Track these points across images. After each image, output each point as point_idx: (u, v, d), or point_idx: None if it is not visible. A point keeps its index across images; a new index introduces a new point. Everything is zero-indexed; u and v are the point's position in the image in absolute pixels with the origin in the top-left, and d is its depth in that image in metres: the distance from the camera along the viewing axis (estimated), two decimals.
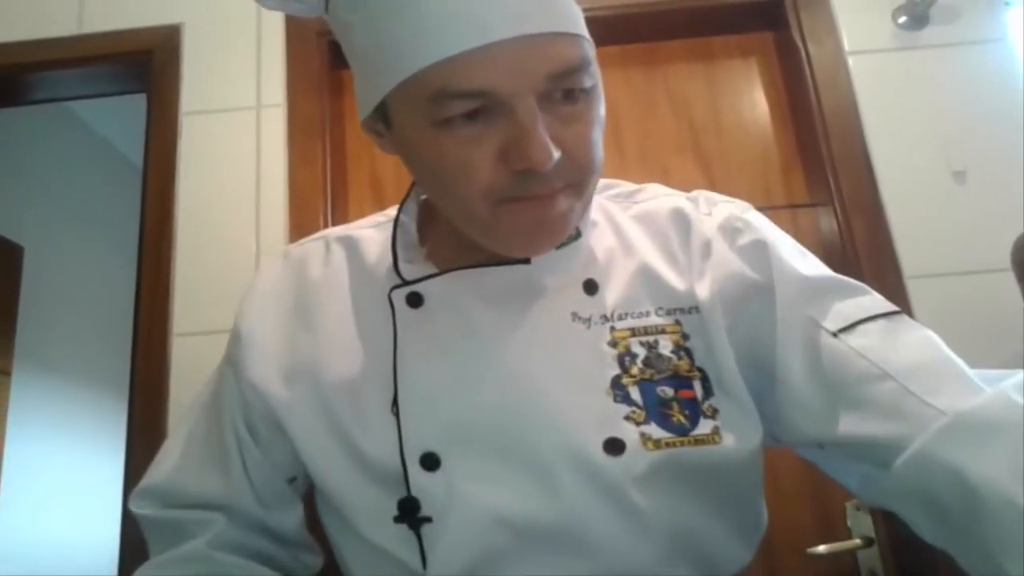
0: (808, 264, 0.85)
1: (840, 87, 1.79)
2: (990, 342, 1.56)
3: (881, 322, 0.78)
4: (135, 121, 2.02)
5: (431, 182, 0.78)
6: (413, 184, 0.92)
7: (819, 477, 0.97)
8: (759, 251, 0.84)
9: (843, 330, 0.77)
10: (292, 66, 1.89)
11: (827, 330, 0.78)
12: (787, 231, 1.68)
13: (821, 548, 1.54)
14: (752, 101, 1.94)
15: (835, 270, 1.70)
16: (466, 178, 0.72)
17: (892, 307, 0.80)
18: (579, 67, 0.71)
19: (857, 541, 1.55)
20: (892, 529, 1.56)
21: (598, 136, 0.76)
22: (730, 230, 0.87)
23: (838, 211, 1.71)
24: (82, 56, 1.95)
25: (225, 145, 1.83)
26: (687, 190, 1.76)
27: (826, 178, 1.74)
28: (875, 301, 0.81)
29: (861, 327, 0.77)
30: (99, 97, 2.18)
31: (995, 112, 1.74)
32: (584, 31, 0.74)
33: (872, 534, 1.55)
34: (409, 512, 0.76)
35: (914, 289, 1.62)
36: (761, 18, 1.95)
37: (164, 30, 1.93)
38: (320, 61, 1.89)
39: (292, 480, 0.90)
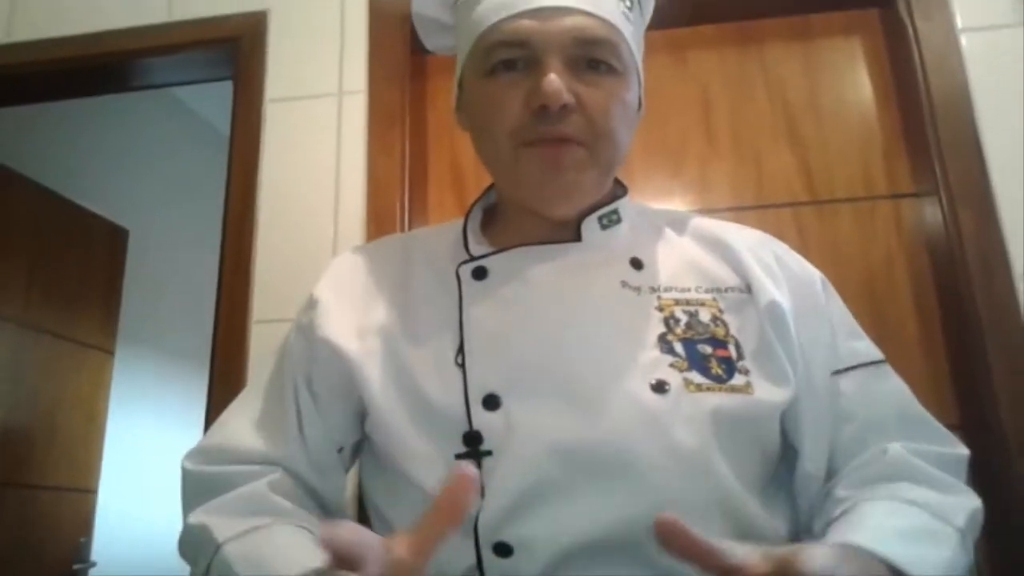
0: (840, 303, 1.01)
1: (951, 67, 1.65)
2: None
3: (867, 370, 0.94)
4: None
5: (480, 133, 0.94)
6: (484, 191, 1.05)
7: None
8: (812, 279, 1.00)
9: (837, 372, 0.92)
10: (374, 51, 1.87)
11: (829, 368, 0.92)
12: (888, 222, 1.62)
13: None
14: (854, 83, 1.82)
15: (939, 265, 1.61)
16: (499, 117, 0.88)
17: (879, 356, 0.96)
18: (604, 41, 0.88)
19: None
20: (991, 551, 1.45)
21: (617, 112, 0.89)
22: (772, 246, 1.02)
23: (944, 202, 1.58)
24: (172, 43, 1.97)
25: (307, 132, 1.83)
26: (781, 177, 1.70)
27: (932, 166, 1.62)
28: (868, 348, 0.97)
29: (851, 372, 0.93)
30: (191, 84, 2.22)
31: None
32: (621, 26, 0.90)
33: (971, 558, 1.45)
34: (472, 444, 0.83)
35: None
36: None
37: (251, 17, 1.94)
38: (403, 45, 1.86)
39: (340, 451, 0.95)
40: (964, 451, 0.92)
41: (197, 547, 0.85)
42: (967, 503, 0.84)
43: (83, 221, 3.32)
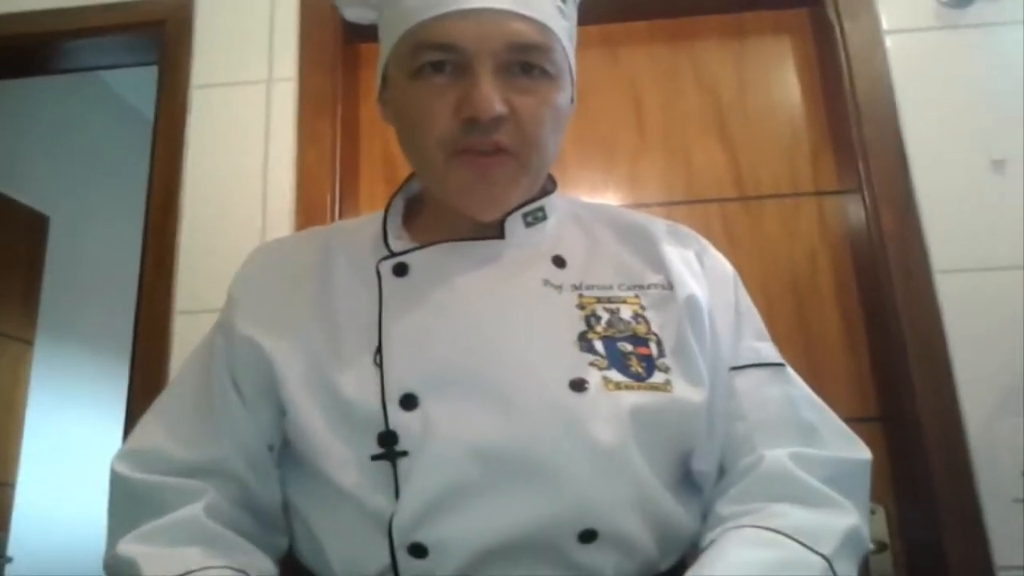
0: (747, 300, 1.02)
1: (875, 68, 1.69)
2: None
3: (765, 371, 0.94)
4: None
5: (406, 135, 0.91)
6: (405, 180, 1.03)
7: None
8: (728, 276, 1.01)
9: (735, 368, 0.92)
10: (305, 38, 1.83)
11: (728, 364, 0.92)
12: (813, 219, 1.65)
13: None
14: (783, 82, 1.85)
15: (861, 261, 1.64)
16: (427, 125, 0.85)
17: (779, 359, 0.96)
18: (538, 46, 0.84)
19: (870, 546, 1.48)
20: (906, 534, 1.51)
21: (549, 118, 0.87)
22: (692, 242, 1.03)
23: (867, 200, 1.62)
24: (98, 26, 1.92)
25: (234, 120, 1.79)
26: (710, 173, 1.72)
27: (856, 164, 1.65)
28: (770, 350, 0.97)
29: (750, 370, 0.93)
30: (116, 68, 2.17)
31: None
32: (554, 25, 0.86)
33: (886, 539, 1.50)
34: (387, 444, 0.81)
35: (943, 284, 1.53)
36: None
37: (177, 0, 1.89)
38: (334, 34, 1.84)
39: (271, 448, 0.93)
40: (864, 456, 0.90)
41: None
42: (842, 523, 0.81)
43: (2, 208, 3.21)
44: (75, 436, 3.64)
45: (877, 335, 1.62)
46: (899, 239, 1.57)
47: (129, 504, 0.88)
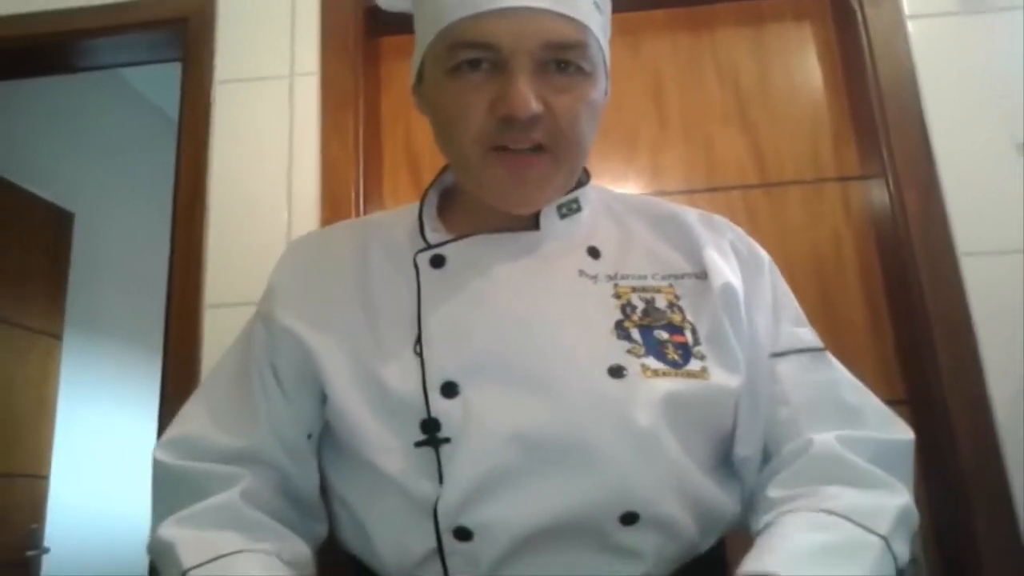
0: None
1: (898, 53, 1.68)
2: None
3: (806, 356, 0.94)
4: None
5: (442, 130, 0.91)
6: (439, 173, 1.04)
7: None
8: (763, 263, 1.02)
9: (776, 355, 0.93)
10: (327, 34, 1.84)
11: (768, 351, 0.93)
12: (836, 204, 1.65)
13: None
14: (803, 68, 1.85)
15: (885, 245, 1.64)
16: (464, 121, 0.85)
17: (819, 344, 0.97)
18: (574, 45, 0.85)
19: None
20: (934, 516, 1.51)
21: (585, 115, 0.87)
22: (726, 230, 1.03)
23: (891, 184, 1.61)
24: (118, 23, 1.93)
25: (258, 115, 1.80)
26: (732, 161, 1.72)
27: (879, 149, 1.65)
28: (810, 335, 0.98)
29: (791, 356, 0.94)
30: (138, 65, 2.18)
31: None
32: (590, 22, 0.86)
33: None
34: (430, 431, 0.83)
35: (968, 267, 1.53)
36: None
37: None
38: (356, 28, 1.84)
39: (309, 437, 0.95)
40: (907, 436, 0.91)
41: (163, 563, 0.85)
42: (894, 502, 0.82)
43: (27, 205, 3.25)
44: (105, 429, 3.68)
45: (902, 319, 1.62)
46: (923, 222, 1.57)
47: (170, 490, 0.90)
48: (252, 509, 0.88)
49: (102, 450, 3.62)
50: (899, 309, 1.63)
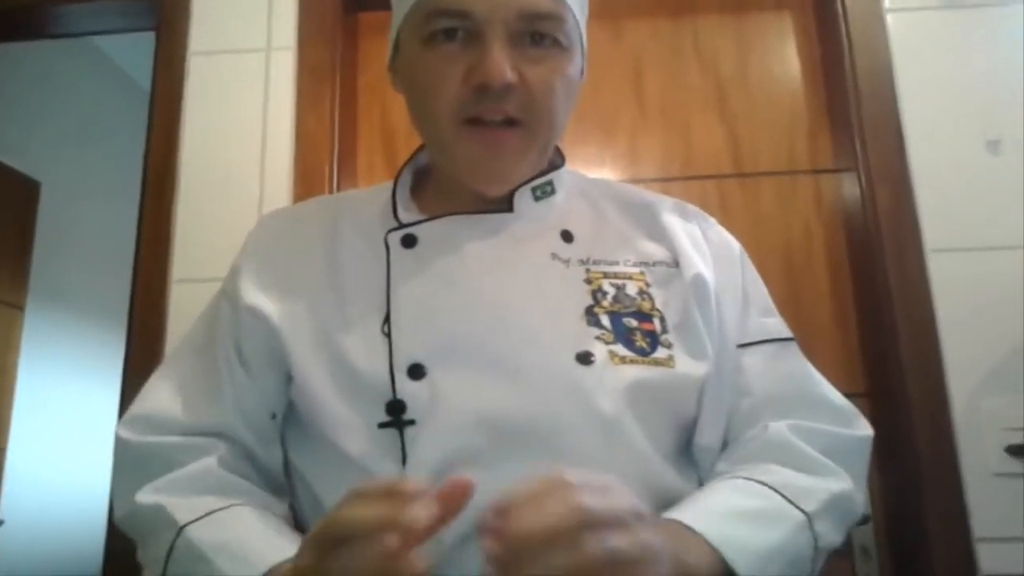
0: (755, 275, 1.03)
1: (876, 46, 1.69)
2: (1014, 322, 1.50)
3: (772, 346, 0.95)
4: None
5: (417, 104, 0.91)
6: (414, 152, 1.03)
7: None
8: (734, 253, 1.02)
9: (742, 345, 0.93)
10: (304, 8, 1.82)
11: (735, 341, 0.93)
12: (808, 197, 1.66)
13: None
14: (783, 58, 1.85)
15: (854, 239, 1.64)
16: (438, 91, 0.85)
17: (787, 333, 0.97)
18: (549, 16, 0.85)
19: (861, 512, 1.51)
20: (888, 507, 1.54)
21: (560, 89, 0.87)
22: (698, 220, 1.03)
23: (862, 178, 1.63)
24: None
25: (233, 88, 1.78)
26: (709, 149, 1.72)
27: (853, 142, 1.66)
28: (778, 325, 0.98)
29: (757, 346, 0.94)
30: (112, 33, 2.14)
31: None
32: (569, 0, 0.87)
33: (868, 511, 1.52)
34: (395, 413, 0.82)
35: (936, 263, 1.55)
36: None
37: None
38: (333, 3, 1.82)
39: (273, 417, 0.94)
40: (864, 432, 0.93)
41: (151, 527, 0.84)
42: (830, 486, 0.84)
43: None
44: (65, 401, 3.64)
45: (867, 312, 1.64)
46: (893, 218, 1.58)
47: (137, 466, 0.89)
48: (230, 474, 0.88)
49: (61, 423, 3.58)
50: (865, 302, 1.65)
